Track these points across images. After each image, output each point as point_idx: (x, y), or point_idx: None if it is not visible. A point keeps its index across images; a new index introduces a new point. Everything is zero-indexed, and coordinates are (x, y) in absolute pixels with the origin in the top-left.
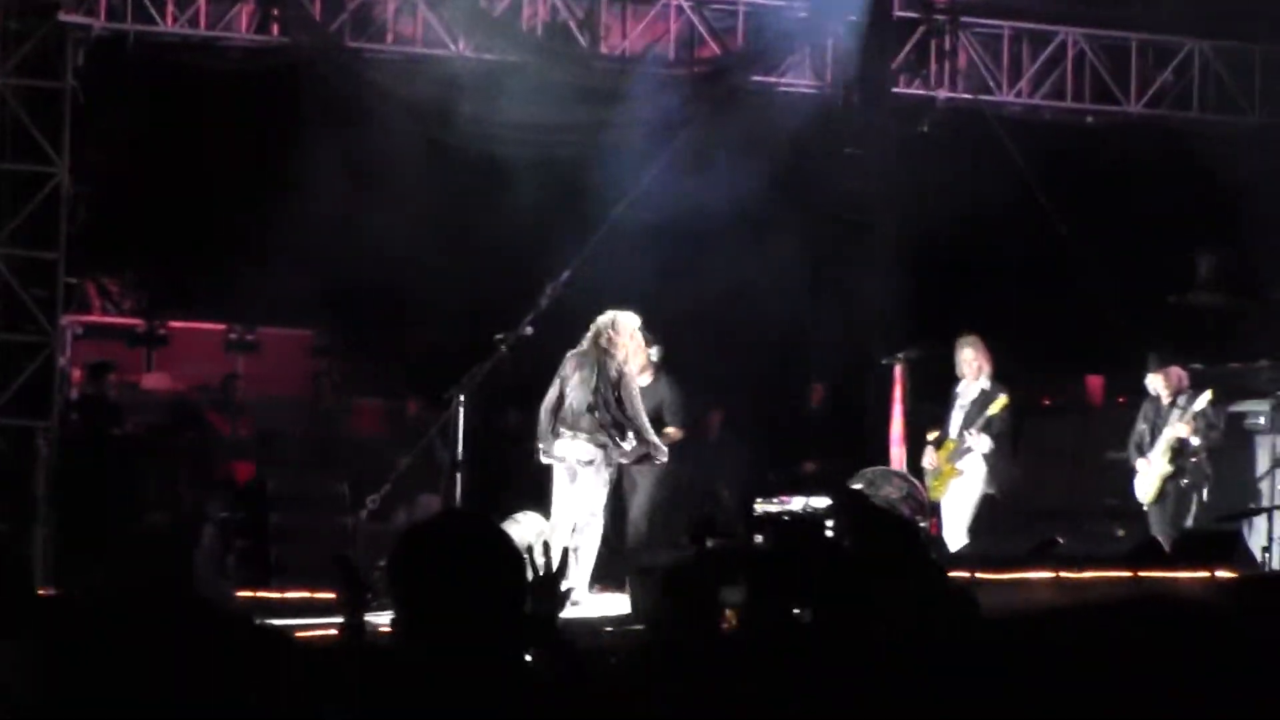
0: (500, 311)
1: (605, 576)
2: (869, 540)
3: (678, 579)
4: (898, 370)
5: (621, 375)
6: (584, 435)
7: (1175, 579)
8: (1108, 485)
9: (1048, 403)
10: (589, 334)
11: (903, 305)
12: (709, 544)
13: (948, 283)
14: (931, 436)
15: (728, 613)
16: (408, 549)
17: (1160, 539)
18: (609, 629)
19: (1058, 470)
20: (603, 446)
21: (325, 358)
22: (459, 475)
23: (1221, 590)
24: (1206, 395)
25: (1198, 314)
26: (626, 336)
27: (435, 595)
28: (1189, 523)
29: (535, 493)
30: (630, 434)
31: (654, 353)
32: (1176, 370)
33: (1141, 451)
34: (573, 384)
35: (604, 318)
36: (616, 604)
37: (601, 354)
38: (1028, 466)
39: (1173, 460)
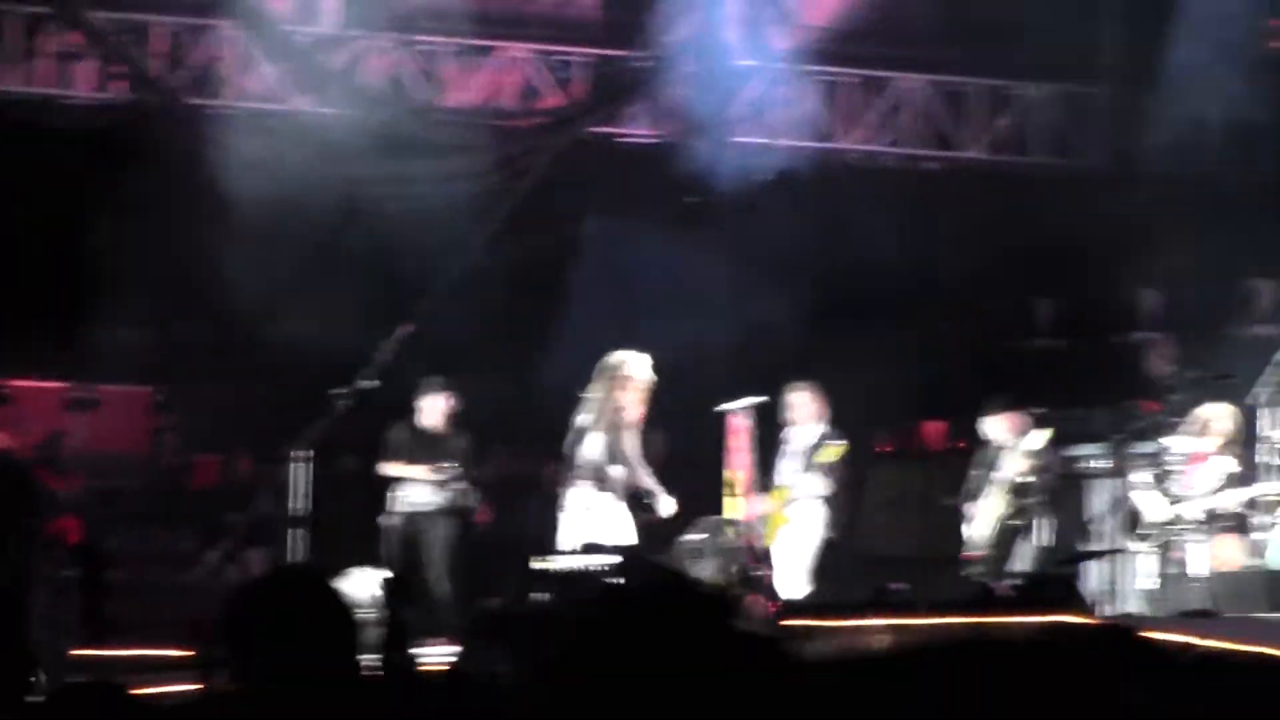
0: (341, 366)
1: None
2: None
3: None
4: (738, 418)
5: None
6: None
7: (992, 624)
8: (946, 531)
9: (886, 449)
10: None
11: (740, 352)
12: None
13: (786, 328)
14: (766, 484)
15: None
16: (238, 606)
17: (998, 584)
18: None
19: (897, 517)
20: None
21: (166, 414)
22: (298, 531)
23: (1039, 635)
24: (1044, 435)
25: (1036, 359)
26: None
27: (267, 650)
28: (1026, 566)
29: (370, 548)
30: None
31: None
32: (1014, 414)
33: (976, 496)
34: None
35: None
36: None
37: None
38: (867, 513)
39: (1010, 503)
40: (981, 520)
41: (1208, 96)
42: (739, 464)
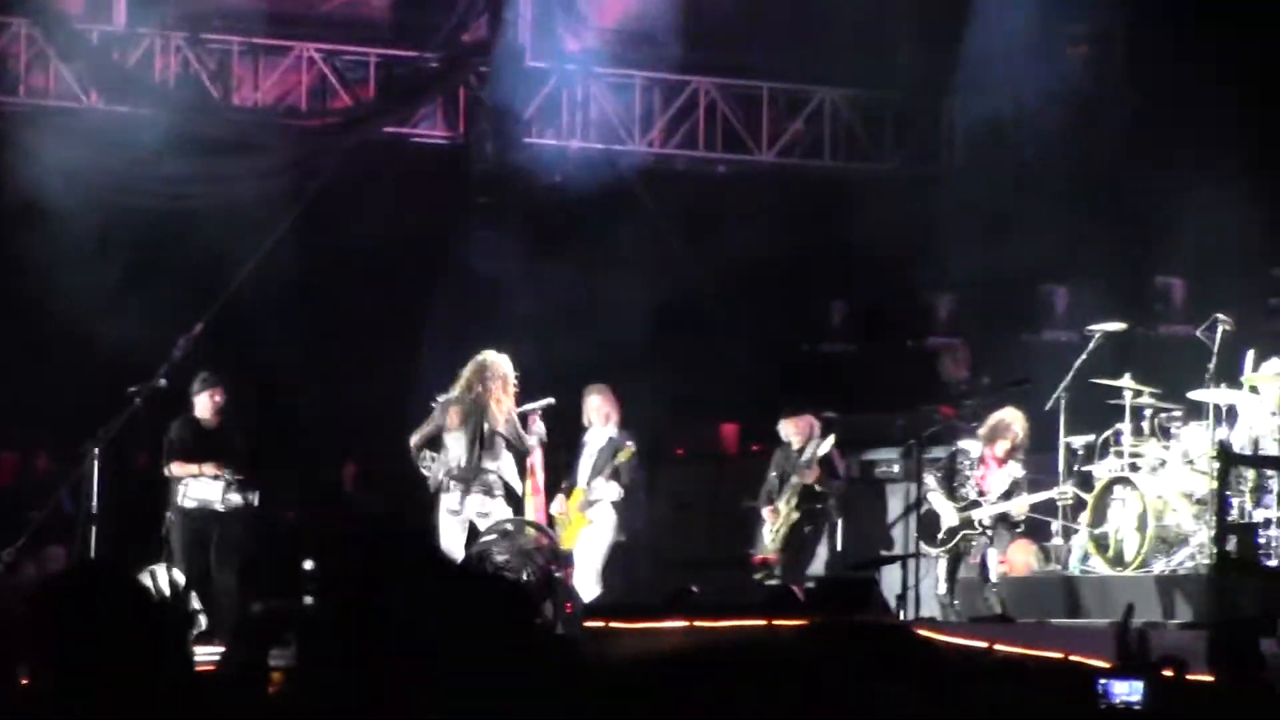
0: (136, 363)
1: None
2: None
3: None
4: (531, 419)
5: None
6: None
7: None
8: (743, 533)
9: (681, 452)
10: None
11: (538, 353)
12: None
13: (590, 330)
14: (564, 485)
15: (275, 675)
16: (42, 604)
17: (790, 587)
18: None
19: (693, 519)
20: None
21: None
22: (93, 528)
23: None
24: (828, 441)
25: (831, 362)
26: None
27: (72, 649)
28: (816, 570)
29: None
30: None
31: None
32: (808, 418)
33: (770, 499)
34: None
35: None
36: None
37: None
38: (663, 515)
39: (799, 507)
40: (773, 523)
41: (1004, 101)
42: (531, 465)
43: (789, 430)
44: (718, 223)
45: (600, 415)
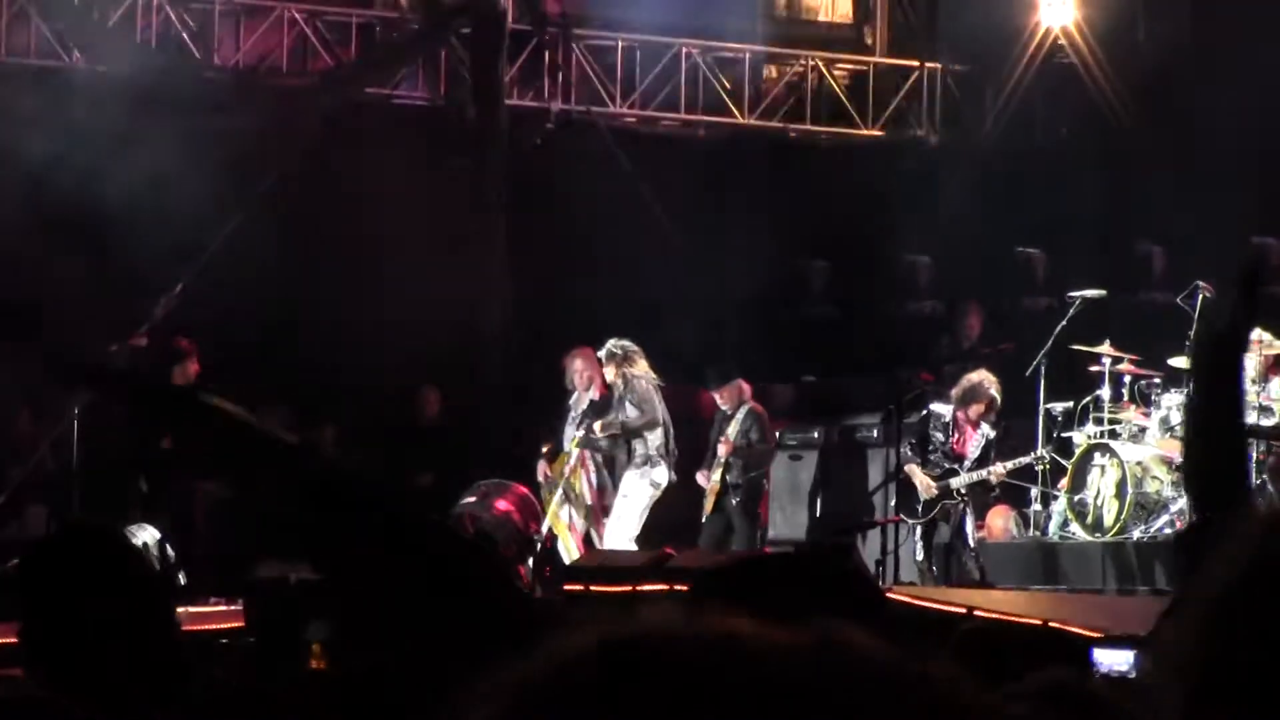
0: (117, 323)
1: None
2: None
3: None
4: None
5: None
6: None
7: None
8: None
9: None
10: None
11: (521, 314)
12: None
13: (549, 292)
14: (545, 449)
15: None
16: (32, 564)
17: (764, 550)
18: (223, 640)
19: (677, 484)
20: None
21: None
22: (75, 487)
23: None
24: (745, 409)
25: (811, 325)
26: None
27: (64, 608)
28: (794, 535)
29: (149, 503)
30: None
31: None
32: (738, 384)
33: (709, 465)
34: None
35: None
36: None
37: None
38: None
39: (723, 475)
40: (709, 488)
41: (984, 67)
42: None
43: (719, 398)
44: (699, 186)
45: (583, 379)
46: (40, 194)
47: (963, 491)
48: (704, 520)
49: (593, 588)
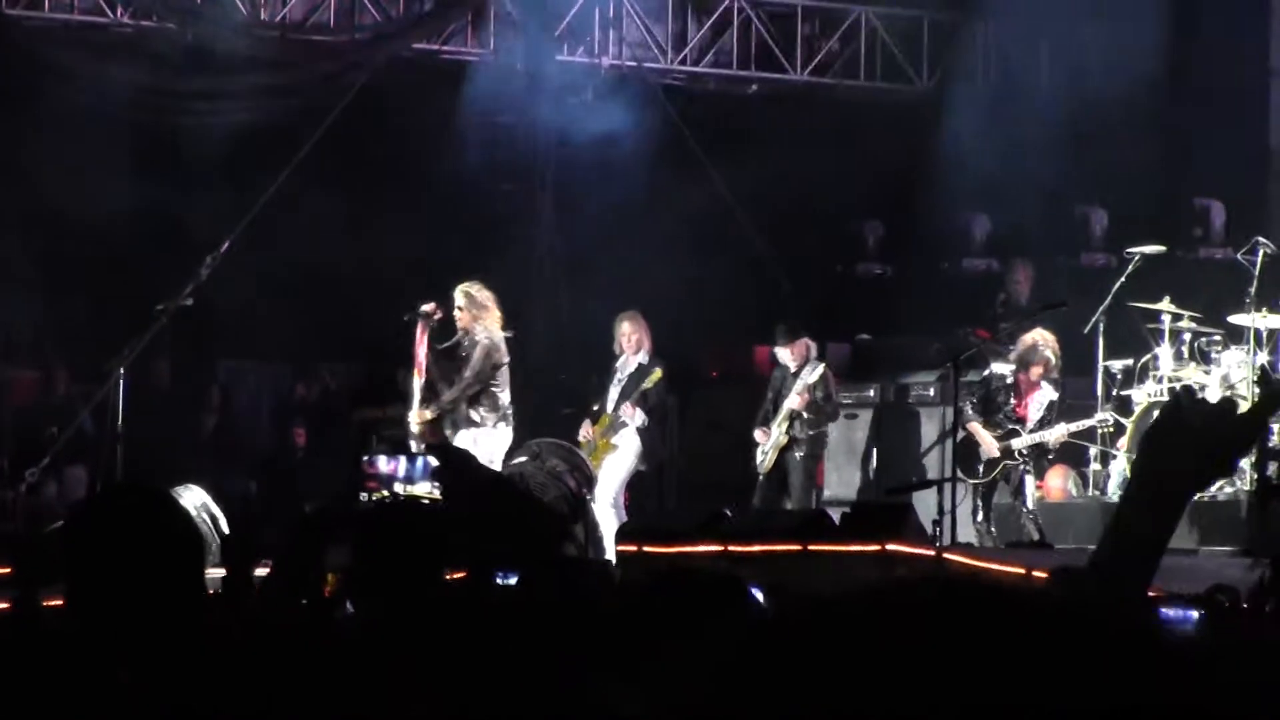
0: (160, 281)
1: None
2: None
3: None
4: (419, 326)
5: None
6: None
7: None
8: None
9: (715, 374)
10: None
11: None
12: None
13: (612, 251)
14: (595, 408)
15: (330, 577)
16: (81, 523)
17: (823, 510)
18: None
19: (726, 442)
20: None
21: None
22: (117, 448)
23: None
24: (820, 368)
25: (866, 284)
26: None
27: (112, 570)
28: (846, 494)
29: (195, 466)
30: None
31: None
32: (805, 341)
33: (766, 421)
34: None
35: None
36: None
37: None
38: (695, 439)
39: (788, 431)
40: (764, 446)
41: (1038, 22)
42: (420, 366)
43: (785, 354)
44: (750, 143)
45: (631, 342)
46: (85, 152)
47: (1024, 452)
48: (761, 477)
49: (645, 548)
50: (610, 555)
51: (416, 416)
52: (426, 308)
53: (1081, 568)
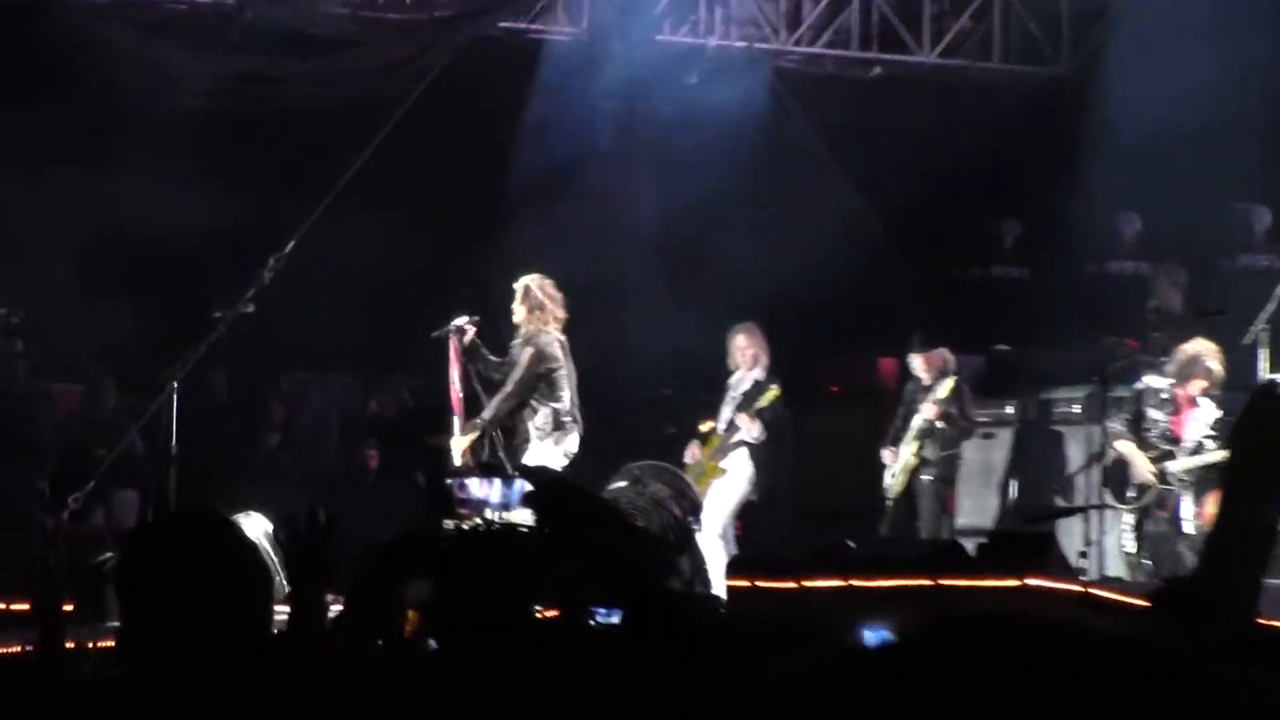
0: (216, 284)
1: None
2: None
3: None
4: (452, 341)
5: None
6: None
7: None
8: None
9: (835, 389)
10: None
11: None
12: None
13: (719, 250)
14: (704, 428)
15: (411, 614)
16: (136, 554)
17: (955, 540)
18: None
19: (847, 464)
20: None
21: (18, 338)
22: (171, 470)
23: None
24: (953, 381)
25: (1002, 289)
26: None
27: (170, 606)
28: (981, 523)
29: (257, 490)
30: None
31: None
32: (941, 352)
33: (895, 441)
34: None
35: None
36: None
37: None
38: (812, 460)
39: (919, 452)
40: (893, 468)
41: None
42: (454, 388)
43: (919, 365)
44: (871, 132)
45: (746, 357)
46: (144, 146)
47: (1181, 476)
48: (888, 502)
49: (758, 582)
50: (720, 590)
51: (459, 445)
52: (459, 321)
53: (1184, 585)
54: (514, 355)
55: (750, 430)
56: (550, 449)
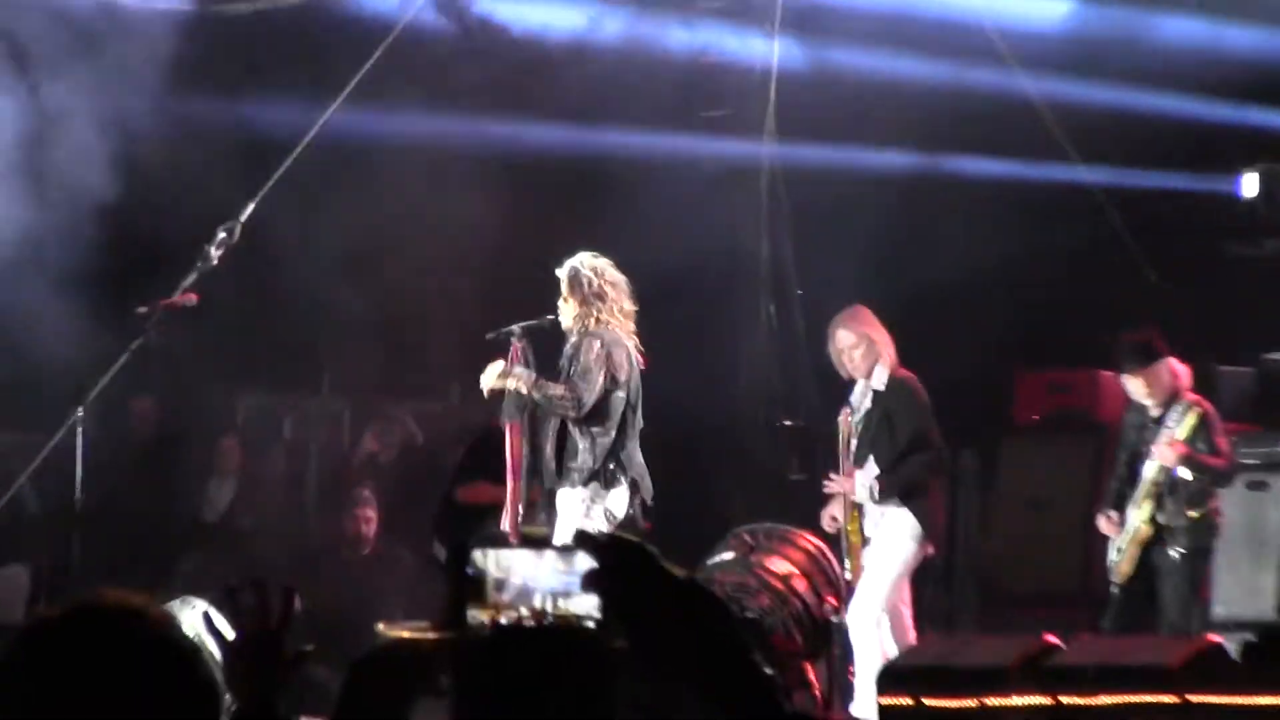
0: (140, 283)
1: None
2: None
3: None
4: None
5: None
6: None
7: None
8: None
9: (1035, 417)
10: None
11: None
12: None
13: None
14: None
15: None
16: (23, 664)
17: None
18: None
19: (1053, 523)
20: None
21: None
22: (72, 537)
23: None
24: (1196, 408)
25: (1255, 270)
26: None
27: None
28: (1178, 616)
29: (197, 565)
30: None
31: None
32: (1168, 365)
33: (1119, 500)
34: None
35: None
36: None
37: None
38: (1004, 520)
39: (1153, 514)
40: (1117, 538)
41: None
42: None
43: (1138, 386)
44: (1084, 59)
45: (854, 360)
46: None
47: None
48: (1114, 587)
49: (925, 700)
50: (869, 711)
51: (488, 376)
52: (528, 323)
53: None
54: (568, 357)
55: (879, 496)
56: (578, 503)
